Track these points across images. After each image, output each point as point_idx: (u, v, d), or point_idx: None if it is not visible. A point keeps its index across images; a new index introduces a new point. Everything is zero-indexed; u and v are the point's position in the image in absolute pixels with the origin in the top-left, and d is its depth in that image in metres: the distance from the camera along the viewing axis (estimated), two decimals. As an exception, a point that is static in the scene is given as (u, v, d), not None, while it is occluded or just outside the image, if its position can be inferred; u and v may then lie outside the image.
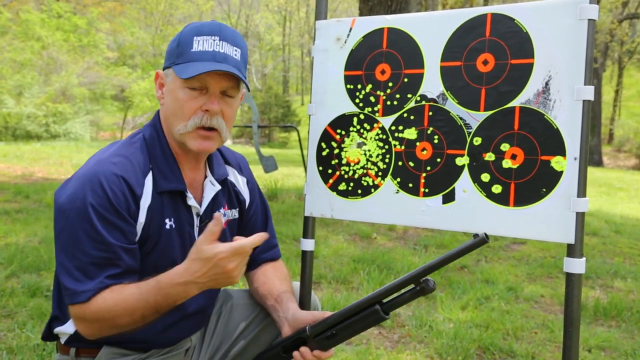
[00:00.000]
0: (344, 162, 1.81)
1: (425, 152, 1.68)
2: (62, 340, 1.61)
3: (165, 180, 1.56)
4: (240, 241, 1.40)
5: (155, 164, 1.56)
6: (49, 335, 1.66)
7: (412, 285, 1.47)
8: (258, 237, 1.41)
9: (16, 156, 12.90)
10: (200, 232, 1.64)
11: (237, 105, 1.62)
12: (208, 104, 1.52)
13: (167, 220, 1.56)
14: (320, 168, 1.85)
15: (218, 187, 1.68)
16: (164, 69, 1.60)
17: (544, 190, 1.51)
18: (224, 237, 1.71)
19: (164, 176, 1.56)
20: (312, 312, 1.66)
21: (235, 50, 1.55)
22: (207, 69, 1.47)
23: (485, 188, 1.59)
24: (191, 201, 1.60)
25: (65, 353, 1.61)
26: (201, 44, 1.51)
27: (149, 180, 1.53)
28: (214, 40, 1.52)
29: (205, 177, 1.69)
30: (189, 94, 1.52)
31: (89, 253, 1.42)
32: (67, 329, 1.57)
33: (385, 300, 1.52)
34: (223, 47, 1.53)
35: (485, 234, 1.36)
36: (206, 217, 1.65)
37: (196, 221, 1.64)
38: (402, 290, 1.49)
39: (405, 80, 1.72)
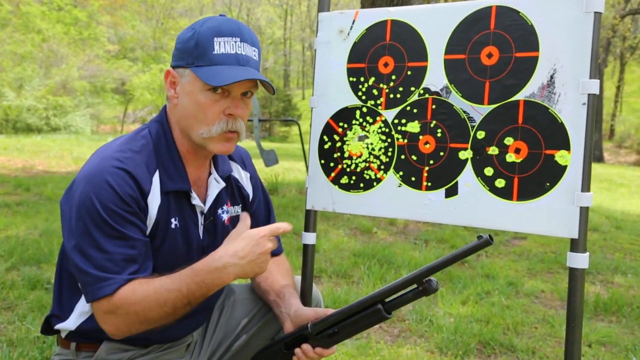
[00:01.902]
0: (346, 155, 1.80)
1: (428, 145, 1.67)
2: (63, 335, 1.60)
3: (171, 180, 1.54)
4: (276, 224, 1.50)
5: (161, 162, 1.54)
6: (47, 329, 1.65)
7: (415, 285, 1.46)
8: (289, 226, 1.50)
9: (17, 149, 12.90)
10: (204, 230, 1.63)
11: (252, 104, 1.61)
12: (232, 109, 1.50)
13: (172, 220, 1.55)
14: (322, 161, 1.84)
15: (222, 184, 1.67)
16: (175, 67, 1.55)
17: (548, 184, 1.50)
18: (227, 234, 1.70)
19: (169, 176, 1.54)
20: (315, 308, 1.66)
21: (254, 51, 1.54)
22: (239, 78, 1.44)
23: (488, 182, 1.58)
24: (195, 200, 1.59)
25: (66, 347, 1.60)
26: (223, 46, 1.48)
27: (156, 179, 1.51)
28: (236, 42, 1.49)
29: (210, 174, 1.67)
30: (211, 97, 1.49)
31: (107, 250, 1.40)
32: (67, 326, 1.56)
33: (387, 300, 1.52)
34: (244, 48, 1.50)
35: (490, 235, 1.35)
36: (210, 215, 1.64)
37: (200, 219, 1.62)
38: (405, 290, 1.49)
39: (409, 73, 1.70)
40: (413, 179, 1.69)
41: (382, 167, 1.74)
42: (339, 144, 1.81)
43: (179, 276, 1.41)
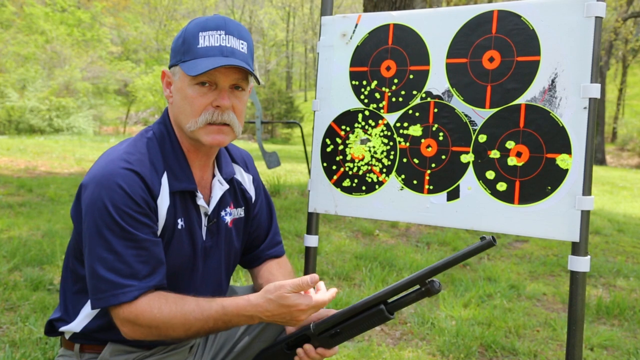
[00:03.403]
0: (348, 158, 1.80)
1: (430, 149, 1.68)
2: (67, 336, 1.61)
3: (177, 180, 1.55)
4: (321, 297, 1.45)
5: (167, 163, 1.55)
6: (51, 330, 1.66)
7: (418, 286, 1.47)
8: (334, 293, 1.49)
9: (19, 150, 12.92)
10: (207, 231, 1.63)
11: (247, 98, 1.62)
12: (219, 100, 1.51)
13: (179, 220, 1.56)
14: (325, 164, 1.85)
15: (226, 186, 1.68)
16: (170, 67, 1.58)
17: (549, 188, 1.51)
18: (230, 236, 1.71)
19: (176, 176, 1.55)
20: None
21: (242, 44, 1.55)
22: (215, 65, 1.46)
23: (490, 185, 1.58)
24: (200, 201, 1.60)
25: (70, 348, 1.60)
26: (207, 40, 1.50)
27: (164, 180, 1.53)
28: (220, 35, 1.51)
29: (214, 176, 1.68)
30: (199, 90, 1.51)
31: (120, 252, 1.42)
32: (72, 327, 1.57)
33: (390, 300, 1.52)
34: (229, 41, 1.52)
35: (493, 237, 1.35)
36: (214, 216, 1.65)
37: (204, 221, 1.63)
38: (408, 291, 1.49)
39: (411, 76, 1.71)
40: (415, 182, 1.69)
41: (384, 170, 1.74)
42: (341, 147, 1.82)
43: (209, 309, 1.44)
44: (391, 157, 1.73)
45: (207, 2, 37.42)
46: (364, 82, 1.78)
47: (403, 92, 1.72)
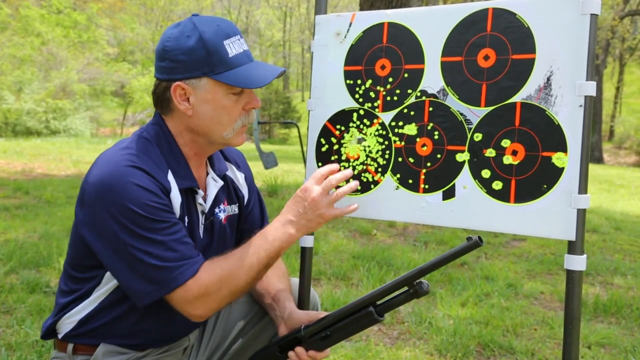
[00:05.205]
0: (343, 158, 1.79)
1: (425, 148, 1.67)
2: (60, 336, 1.60)
3: (181, 179, 1.55)
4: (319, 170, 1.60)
5: (168, 162, 1.55)
6: (46, 333, 1.65)
7: (406, 288, 1.48)
8: (336, 169, 1.63)
9: (16, 152, 12.89)
10: (204, 229, 1.63)
11: None
12: (253, 102, 1.57)
13: (185, 218, 1.57)
14: (320, 164, 1.84)
15: (221, 182, 1.68)
16: (184, 80, 1.50)
17: (545, 186, 1.50)
18: (224, 233, 1.71)
19: (179, 174, 1.55)
20: (308, 312, 1.67)
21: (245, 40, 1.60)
22: (274, 75, 1.53)
23: (485, 184, 1.58)
24: (200, 199, 1.60)
25: (63, 350, 1.60)
26: (233, 47, 1.52)
27: (171, 177, 1.53)
28: (239, 40, 1.54)
29: (207, 174, 1.68)
30: (234, 99, 1.53)
31: (162, 241, 1.43)
32: (65, 324, 1.57)
33: (379, 302, 1.52)
34: (245, 44, 1.56)
35: (479, 237, 1.36)
36: (210, 214, 1.65)
37: (201, 219, 1.63)
38: (396, 293, 1.50)
39: (406, 75, 1.70)
40: (410, 181, 1.69)
41: (380, 169, 1.74)
42: (336, 147, 1.81)
43: (250, 245, 1.51)
44: (386, 156, 1.73)
45: (204, 3, 37.36)
46: (359, 81, 1.77)
47: (398, 91, 1.71)
